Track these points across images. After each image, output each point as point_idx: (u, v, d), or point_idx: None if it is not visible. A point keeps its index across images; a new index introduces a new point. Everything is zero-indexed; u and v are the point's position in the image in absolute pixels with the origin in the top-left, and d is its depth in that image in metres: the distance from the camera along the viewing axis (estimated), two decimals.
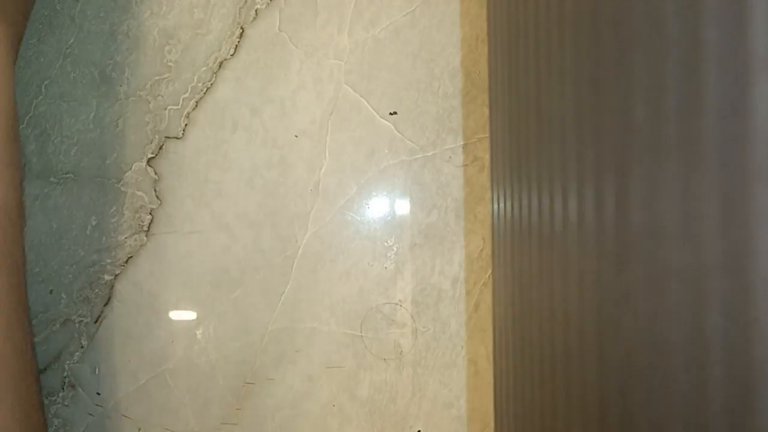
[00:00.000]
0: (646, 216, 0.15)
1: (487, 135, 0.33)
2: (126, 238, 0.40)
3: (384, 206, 0.40)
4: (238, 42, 0.40)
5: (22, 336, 0.33)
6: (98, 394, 0.40)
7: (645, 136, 0.15)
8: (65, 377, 0.39)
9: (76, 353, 0.40)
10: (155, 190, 0.40)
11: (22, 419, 0.33)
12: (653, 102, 0.14)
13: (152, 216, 0.40)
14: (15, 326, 0.33)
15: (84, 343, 0.40)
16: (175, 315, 0.40)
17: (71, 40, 0.40)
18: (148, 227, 0.40)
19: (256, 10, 0.40)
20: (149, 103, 0.40)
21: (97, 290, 0.40)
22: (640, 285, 0.15)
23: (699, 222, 0.12)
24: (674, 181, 0.13)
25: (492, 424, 0.32)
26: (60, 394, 0.40)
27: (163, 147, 0.40)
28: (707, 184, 0.12)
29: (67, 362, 0.40)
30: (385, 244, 0.40)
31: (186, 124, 0.40)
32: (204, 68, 0.40)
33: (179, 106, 0.40)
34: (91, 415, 0.40)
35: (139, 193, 0.40)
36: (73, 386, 0.40)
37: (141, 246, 0.40)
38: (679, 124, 0.13)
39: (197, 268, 0.40)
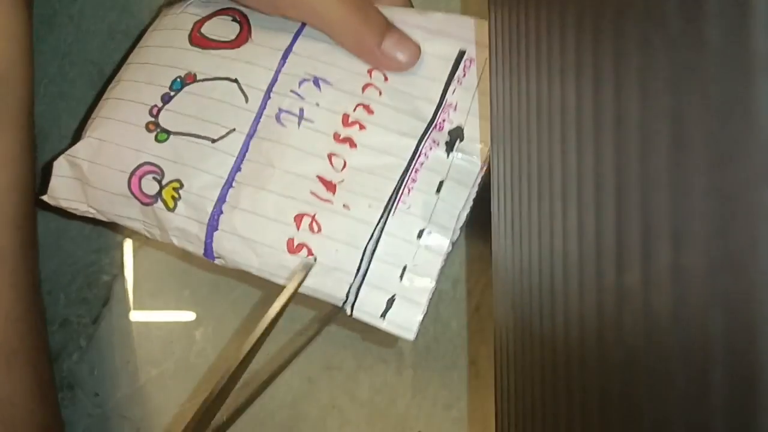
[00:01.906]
0: (647, 215, 0.14)
1: (488, 135, 0.33)
2: (124, 238, 0.40)
3: None
4: None
5: (39, 315, 0.34)
6: (97, 395, 0.39)
7: (645, 135, 0.14)
8: (64, 378, 0.39)
9: (75, 354, 0.40)
10: None
11: (42, 398, 0.33)
12: (653, 101, 0.14)
13: None
14: (32, 300, 0.34)
15: (82, 343, 0.40)
16: (174, 316, 0.40)
17: (70, 40, 0.40)
18: None
19: None
20: None
21: (95, 291, 0.40)
22: (640, 285, 0.15)
23: (700, 221, 0.12)
24: (675, 180, 0.13)
25: (493, 426, 0.31)
26: (59, 395, 0.39)
27: None
28: (708, 183, 0.12)
29: (66, 363, 0.39)
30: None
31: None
32: None
33: None
34: (90, 416, 0.40)
35: None
36: (71, 387, 0.39)
37: (139, 246, 0.40)
38: (679, 122, 0.13)
39: (196, 269, 0.40)
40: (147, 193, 0.31)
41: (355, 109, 0.31)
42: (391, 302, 0.29)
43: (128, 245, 0.39)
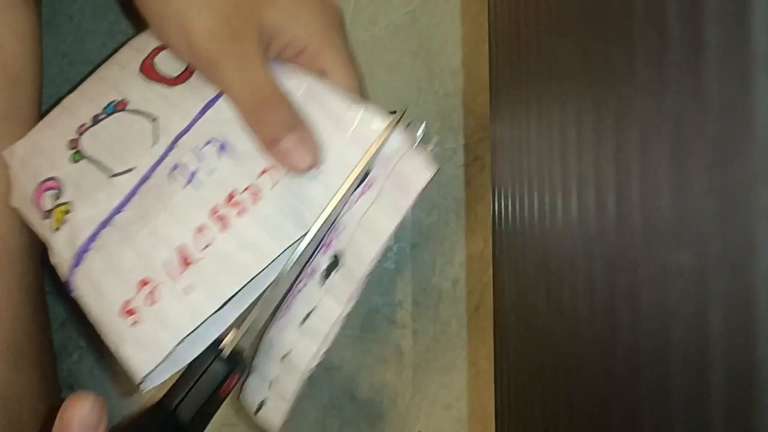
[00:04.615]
0: (647, 215, 0.14)
1: (488, 134, 0.32)
2: None
3: None
4: None
5: (44, 315, 0.34)
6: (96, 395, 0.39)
7: (646, 135, 0.14)
8: (64, 378, 0.39)
9: (75, 354, 0.40)
10: None
11: (48, 397, 0.34)
12: (655, 101, 0.14)
13: None
14: (39, 300, 0.34)
15: (82, 343, 0.40)
16: None
17: (70, 40, 0.40)
18: None
19: None
20: None
21: None
22: (640, 285, 0.15)
23: (700, 221, 0.12)
24: (675, 180, 0.13)
25: (493, 426, 0.31)
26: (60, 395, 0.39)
27: None
28: (709, 184, 0.12)
29: (66, 363, 0.39)
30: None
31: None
32: None
33: None
34: None
35: None
36: (71, 387, 0.39)
37: None
38: (680, 123, 0.13)
39: None
40: (43, 208, 0.31)
41: (244, 191, 0.29)
42: (261, 405, 0.32)
43: None
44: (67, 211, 0.30)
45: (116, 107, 0.31)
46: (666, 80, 0.13)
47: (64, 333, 0.39)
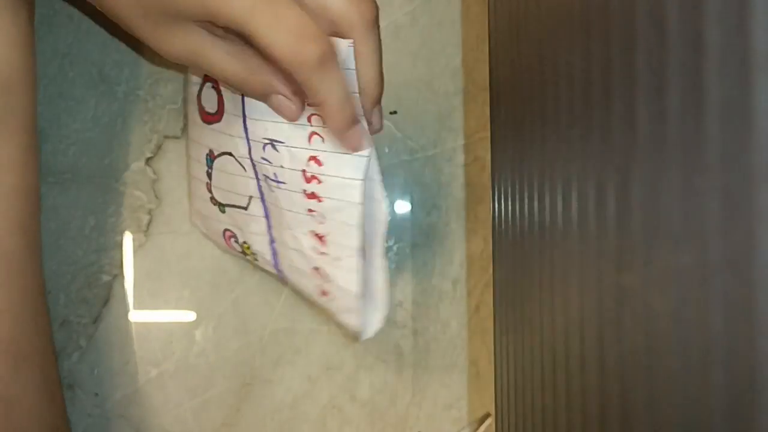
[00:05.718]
0: (648, 215, 0.14)
1: (488, 134, 0.32)
2: (124, 238, 0.40)
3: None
4: None
5: (44, 316, 0.34)
6: (96, 395, 0.39)
7: (647, 135, 0.14)
8: (64, 378, 0.39)
9: (75, 354, 0.40)
10: (154, 190, 0.40)
11: (49, 399, 0.33)
12: (655, 101, 0.14)
13: (151, 216, 0.40)
14: (39, 301, 0.34)
15: (82, 343, 0.40)
16: (174, 316, 0.40)
17: (70, 40, 0.40)
18: (147, 227, 0.40)
19: None
20: (148, 102, 0.40)
21: (95, 291, 0.40)
22: (640, 285, 0.15)
23: (701, 221, 0.12)
24: (676, 181, 0.13)
25: (493, 426, 0.31)
26: None
27: (162, 146, 0.40)
28: (709, 184, 0.12)
29: (66, 363, 0.39)
30: (385, 244, 0.40)
31: (185, 124, 0.40)
32: None
33: (178, 106, 0.40)
34: (90, 416, 0.40)
35: (138, 192, 0.40)
36: (71, 387, 0.39)
37: (139, 246, 0.40)
38: (681, 123, 0.13)
39: (196, 269, 0.40)
40: (236, 249, 0.38)
41: (308, 163, 0.31)
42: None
43: (128, 245, 0.39)
44: (249, 246, 0.37)
45: (211, 158, 0.36)
46: (666, 80, 0.13)
47: (64, 333, 0.39)
